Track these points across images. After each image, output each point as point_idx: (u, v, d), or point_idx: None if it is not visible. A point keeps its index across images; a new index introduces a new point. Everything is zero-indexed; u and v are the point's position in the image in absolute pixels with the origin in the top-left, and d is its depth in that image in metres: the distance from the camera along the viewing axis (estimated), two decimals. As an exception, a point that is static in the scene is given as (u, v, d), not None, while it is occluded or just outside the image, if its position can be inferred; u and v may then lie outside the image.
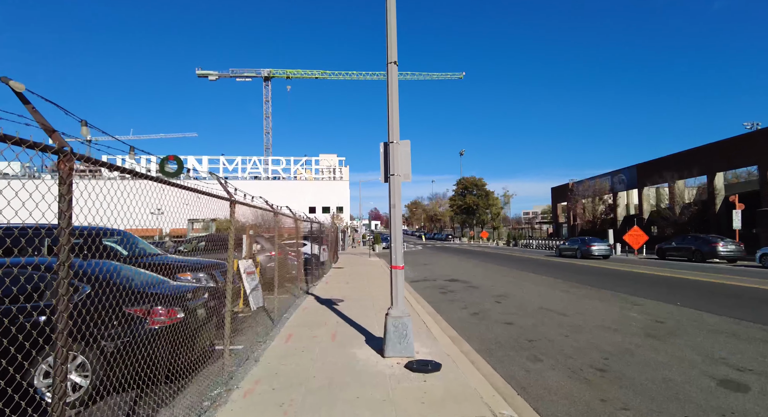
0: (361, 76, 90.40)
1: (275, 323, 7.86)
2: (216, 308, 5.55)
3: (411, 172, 6.08)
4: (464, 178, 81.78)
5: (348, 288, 12.91)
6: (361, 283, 14.25)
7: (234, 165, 69.40)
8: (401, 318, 5.61)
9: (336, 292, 12.12)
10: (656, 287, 12.81)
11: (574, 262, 23.67)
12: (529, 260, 26.26)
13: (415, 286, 14.25)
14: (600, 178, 45.45)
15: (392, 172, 5.91)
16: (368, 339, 6.66)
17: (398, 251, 5.84)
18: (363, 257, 29.77)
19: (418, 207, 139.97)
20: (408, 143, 6.10)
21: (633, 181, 40.28)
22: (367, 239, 65.61)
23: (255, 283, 9.85)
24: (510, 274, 17.88)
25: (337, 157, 74.36)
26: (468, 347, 6.58)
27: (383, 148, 6.16)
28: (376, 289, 12.66)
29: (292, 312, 9.08)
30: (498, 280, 15.37)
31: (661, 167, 35.04)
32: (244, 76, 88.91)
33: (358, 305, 9.78)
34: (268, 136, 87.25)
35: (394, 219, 5.91)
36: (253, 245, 11.20)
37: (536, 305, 10.13)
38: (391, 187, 5.93)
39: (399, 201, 5.92)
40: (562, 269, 19.63)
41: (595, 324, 8.02)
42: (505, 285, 14.05)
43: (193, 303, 4.95)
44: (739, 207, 24.12)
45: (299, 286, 12.06)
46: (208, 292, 5.78)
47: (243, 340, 6.68)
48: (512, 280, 15.57)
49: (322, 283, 14.48)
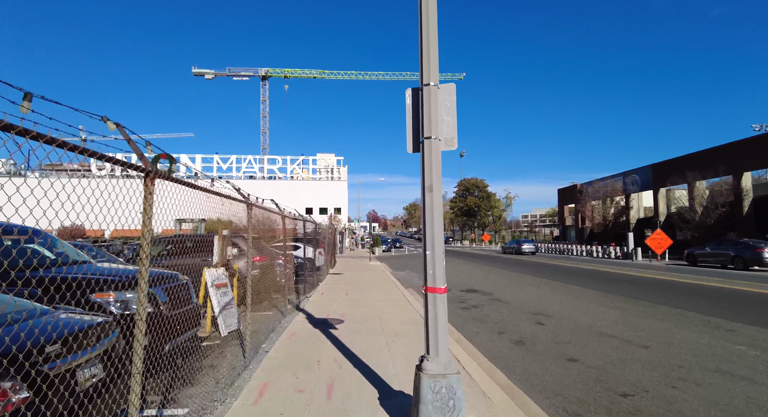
0: (360, 76, 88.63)
1: (248, 360, 5.54)
2: (122, 363, 3.24)
3: (456, 136, 3.79)
4: (465, 179, 79.61)
5: (348, 302, 10.58)
6: (363, 294, 11.93)
7: (228, 164, 66.98)
8: (446, 377, 3.30)
9: (333, 307, 9.79)
10: (738, 306, 10.49)
11: (597, 268, 21.41)
12: (545, 266, 23.98)
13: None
14: (611, 179, 43.23)
15: (428, 133, 3.62)
16: (383, 396, 4.34)
17: (437, 263, 3.55)
18: (362, 261, 27.44)
19: (417, 209, 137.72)
20: (452, 89, 3.82)
21: (648, 182, 38.08)
22: (365, 241, 63.32)
23: (228, 300, 7.53)
24: (532, 282, 15.57)
25: (335, 156, 72.07)
26: (537, 410, 4.27)
27: (411, 98, 3.87)
28: (383, 302, 10.33)
29: (275, 339, 6.75)
30: (524, 291, 13.07)
31: (681, 167, 32.85)
32: (241, 75, 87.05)
33: (362, 329, 7.46)
34: (265, 137, 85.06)
35: (431, 209, 3.61)
36: (228, 248, 8.88)
37: (590, 328, 7.84)
38: (425, 157, 3.64)
39: (438, 181, 3.62)
40: (585, 276, 17.35)
41: (701, 364, 5.72)
42: (535, 298, 11.75)
43: (69, 361, 2.63)
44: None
45: (288, 298, 9.74)
46: (121, 329, 3.49)
47: (193, 394, 4.37)
48: (539, 290, 13.27)
49: (317, 293, 12.15)
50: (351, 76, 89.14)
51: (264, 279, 9.65)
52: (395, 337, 6.81)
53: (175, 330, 4.91)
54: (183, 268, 8.33)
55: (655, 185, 37.18)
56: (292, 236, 13.06)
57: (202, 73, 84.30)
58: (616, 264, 24.80)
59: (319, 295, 11.63)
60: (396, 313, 8.95)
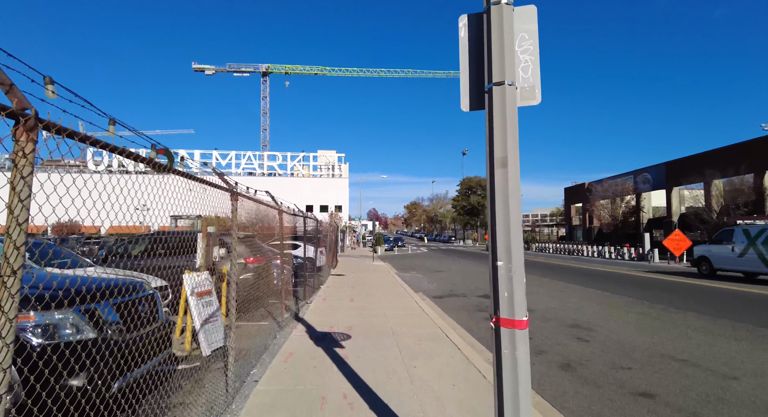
0: (362, 73, 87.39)
1: (231, 395, 4.25)
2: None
3: (540, 86, 2.49)
4: (468, 178, 78.24)
5: (354, 310, 9.30)
6: (370, 300, 10.65)
7: (227, 160, 65.62)
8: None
9: (337, 316, 8.50)
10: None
11: (617, 271, 20.13)
12: (559, 268, 22.72)
13: (442, 304, 10.66)
14: (621, 178, 41.91)
15: (498, 77, 2.32)
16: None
17: (516, 280, 2.24)
18: (365, 261, 26.16)
19: (417, 208, 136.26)
20: (533, 14, 2.52)
21: (661, 181, 36.76)
22: (366, 240, 61.95)
23: (212, 311, 6.27)
24: (554, 286, 14.28)
25: (336, 153, 70.70)
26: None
27: (467, 28, 2.58)
28: (393, 311, 9.05)
29: (268, 362, 5.47)
30: (549, 297, 11.79)
31: (697, 165, 31.52)
32: (242, 71, 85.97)
33: (373, 347, 6.17)
34: (266, 134, 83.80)
35: (505, 193, 2.30)
36: (215, 249, 7.60)
37: (651, 349, 6.55)
38: (494, 114, 2.33)
39: (515, 150, 2.32)
40: (610, 281, 16.07)
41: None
42: (563, 305, 10.47)
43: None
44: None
45: (285, 303, 8.47)
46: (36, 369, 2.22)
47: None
48: (566, 296, 11.99)
49: (317, 298, 10.87)
50: (353, 73, 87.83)
51: (259, 283, 8.38)
52: (415, 360, 5.53)
53: (131, 360, 3.63)
54: (163, 272, 7.05)
55: (668, 184, 35.87)
56: (290, 234, 11.80)
57: (202, 68, 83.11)
58: (633, 266, 23.51)
59: (321, 302, 10.35)
60: (411, 325, 7.67)
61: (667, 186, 35.90)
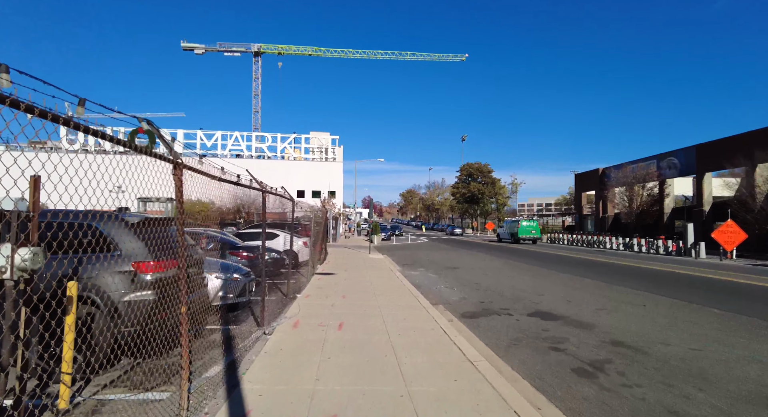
0: (358, 55, 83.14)
1: None
2: None
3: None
4: (469, 164, 74.07)
5: (344, 352, 5.28)
6: (370, 324, 6.65)
7: (213, 141, 60.84)
8: None
9: (312, 372, 4.46)
10: None
11: (678, 271, 16.34)
12: (596, 265, 18.89)
13: (483, 333, 6.73)
14: (644, 162, 38.01)
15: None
16: None
17: None
18: (361, 253, 22.15)
19: (413, 196, 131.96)
20: None
21: (690, 166, 32.89)
22: (361, 228, 57.96)
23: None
24: (607, 292, 10.35)
25: (329, 135, 66.22)
26: None
27: None
28: (411, 358, 5.06)
29: None
30: (627, 314, 7.87)
31: (733, 147, 27.64)
32: (233, 51, 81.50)
33: None
34: (257, 116, 79.23)
35: None
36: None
37: None
38: None
39: None
40: (686, 286, 12.22)
41: None
42: (650, 328, 6.55)
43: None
44: None
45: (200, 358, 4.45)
46: None
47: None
48: (639, 310, 8.08)
49: (285, 322, 6.80)
50: (348, 55, 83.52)
51: (164, 313, 4.38)
52: None
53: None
54: None
55: (699, 168, 32.01)
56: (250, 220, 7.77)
57: (191, 47, 78.35)
58: (681, 263, 19.71)
59: (289, 331, 6.32)
60: (456, 405, 3.69)
61: (698, 171, 32.05)
